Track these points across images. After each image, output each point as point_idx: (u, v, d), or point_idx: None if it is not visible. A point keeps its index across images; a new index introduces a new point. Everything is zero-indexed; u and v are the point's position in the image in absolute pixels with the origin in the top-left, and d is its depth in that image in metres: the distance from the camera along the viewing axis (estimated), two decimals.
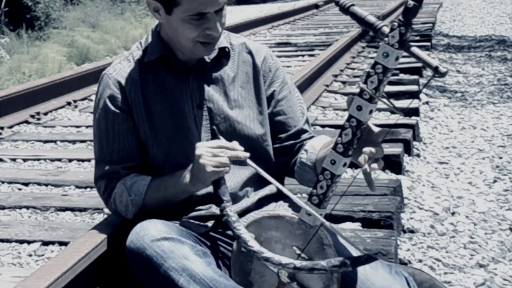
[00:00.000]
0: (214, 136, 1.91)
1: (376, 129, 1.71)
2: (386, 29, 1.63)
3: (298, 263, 1.72)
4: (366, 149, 1.67)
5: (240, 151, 1.86)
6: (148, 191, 1.99)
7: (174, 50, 2.03)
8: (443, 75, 1.56)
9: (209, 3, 1.88)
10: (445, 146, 4.35)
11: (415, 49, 1.61)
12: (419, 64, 6.38)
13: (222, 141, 1.87)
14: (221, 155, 1.85)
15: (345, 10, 1.72)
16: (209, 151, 1.85)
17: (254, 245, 1.77)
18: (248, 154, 1.87)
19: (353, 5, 1.71)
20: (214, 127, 1.95)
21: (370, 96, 1.64)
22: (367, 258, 1.67)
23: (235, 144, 1.88)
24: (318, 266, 1.71)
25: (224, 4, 1.92)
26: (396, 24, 1.60)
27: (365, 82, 1.65)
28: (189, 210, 2.01)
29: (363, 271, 1.80)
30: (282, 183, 2.14)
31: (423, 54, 1.60)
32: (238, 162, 1.90)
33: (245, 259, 1.84)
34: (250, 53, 2.12)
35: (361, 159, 1.69)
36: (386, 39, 1.61)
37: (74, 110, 5.65)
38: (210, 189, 1.94)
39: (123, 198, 2.01)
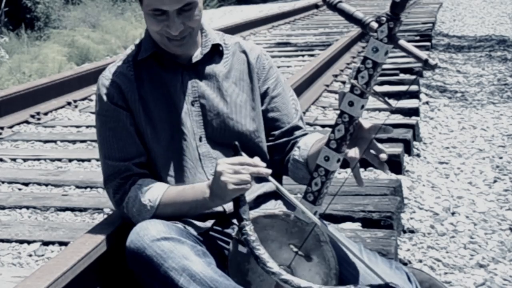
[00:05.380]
0: (236, 152, 1.85)
1: (368, 125, 1.73)
2: (375, 24, 1.63)
3: (317, 287, 1.70)
4: (384, 155, 1.71)
5: (261, 168, 1.82)
6: (163, 200, 1.96)
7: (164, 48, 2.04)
8: (433, 67, 1.58)
9: (166, 2, 1.89)
10: (445, 146, 4.35)
11: (403, 43, 1.61)
12: (419, 64, 6.37)
13: (243, 158, 1.83)
14: (243, 172, 1.80)
15: (333, 7, 1.72)
16: (230, 168, 1.81)
17: (274, 266, 1.73)
18: (270, 171, 1.82)
19: (340, 1, 1.72)
20: (237, 143, 1.91)
21: (361, 92, 1.65)
22: (387, 287, 1.67)
23: (256, 160, 1.83)
24: None
25: (190, 4, 1.91)
26: (384, 19, 1.60)
27: (356, 78, 1.66)
28: None
29: (363, 267, 1.80)
30: (280, 181, 2.15)
31: (412, 47, 1.61)
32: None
33: (242, 260, 1.84)
34: (244, 52, 2.14)
35: (351, 154, 1.71)
36: (375, 34, 1.62)
37: (74, 110, 5.65)
38: None
39: (136, 202, 1.98)
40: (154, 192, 1.97)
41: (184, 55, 2.06)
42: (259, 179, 2.02)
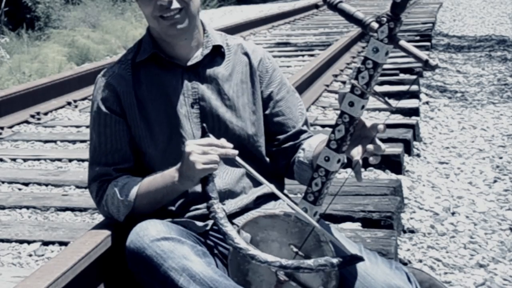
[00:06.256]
0: (204, 134, 1.91)
1: (369, 124, 1.73)
2: (375, 25, 1.63)
3: (284, 261, 1.73)
4: (370, 146, 1.70)
5: (229, 149, 1.87)
6: (139, 193, 1.98)
7: (164, 47, 2.04)
8: (433, 68, 1.58)
9: None
10: (445, 146, 4.35)
11: (404, 43, 1.61)
12: (419, 64, 6.36)
13: (211, 139, 1.88)
14: (211, 152, 1.85)
15: (333, 7, 1.72)
16: (199, 149, 1.85)
17: (240, 242, 1.77)
18: (236, 152, 1.87)
19: (341, 1, 1.71)
20: (205, 125, 1.95)
21: (361, 92, 1.65)
22: (353, 258, 1.68)
23: (224, 141, 1.88)
24: (304, 265, 1.71)
25: None
26: (384, 19, 1.60)
27: (356, 78, 1.66)
28: (186, 210, 2.01)
29: (363, 267, 1.80)
30: (282, 183, 2.15)
31: (412, 48, 1.61)
32: (230, 158, 1.90)
33: (242, 259, 1.84)
34: (246, 54, 2.12)
35: (354, 152, 1.71)
36: (375, 34, 1.62)
37: (74, 110, 5.65)
38: None
39: (115, 199, 2.01)
40: (130, 187, 1.99)
41: (184, 53, 2.04)
42: (259, 182, 2.02)
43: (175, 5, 1.94)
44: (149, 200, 1.98)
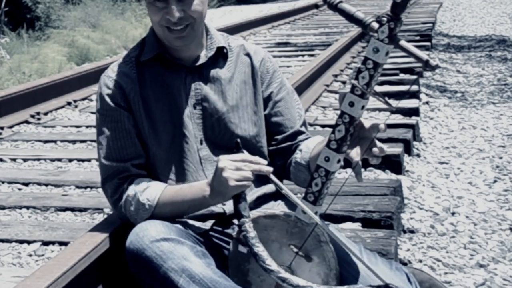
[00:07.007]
0: (238, 149, 1.86)
1: (368, 124, 1.73)
2: (375, 25, 1.63)
3: (316, 286, 1.69)
4: (376, 150, 1.72)
5: (263, 165, 1.83)
6: (162, 199, 1.95)
7: (168, 48, 2.04)
8: (433, 68, 1.58)
9: None
10: (445, 146, 4.35)
11: (404, 43, 1.61)
12: (420, 64, 6.35)
13: (245, 155, 1.84)
14: (244, 168, 1.81)
15: (334, 7, 1.72)
16: (232, 165, 1.81)
17: (272, 264, 1.73)
18: (271, 169, 1.83)
19: (341, 1, 1.72)
20: (239, 140, 1.90)
21: (361, 92, 1.65)
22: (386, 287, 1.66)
23: (258, 158, 1.85)
24: None
25: None
26: (385, 19, 1.60)
27: (356, 78, 1.66)
28: None
29: (363, 267, 1.80)
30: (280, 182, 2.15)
31: (412, 48, 1.61)
32: None
33: (242, 260, 1.84)
34: (248, 55, 2.13)
35: (353, 153, 1.71)
36: (375, 34, 1.62)
37: (74, 110, 5.65)
38: None
39: (134, 202, 1.97)
40: (153, 191, 1.96)
41: (188, 55, 2.05)
42: (259, 182, 2.02)
43: (184, 21, 1.95)
44: (172, 209, 1.95)
